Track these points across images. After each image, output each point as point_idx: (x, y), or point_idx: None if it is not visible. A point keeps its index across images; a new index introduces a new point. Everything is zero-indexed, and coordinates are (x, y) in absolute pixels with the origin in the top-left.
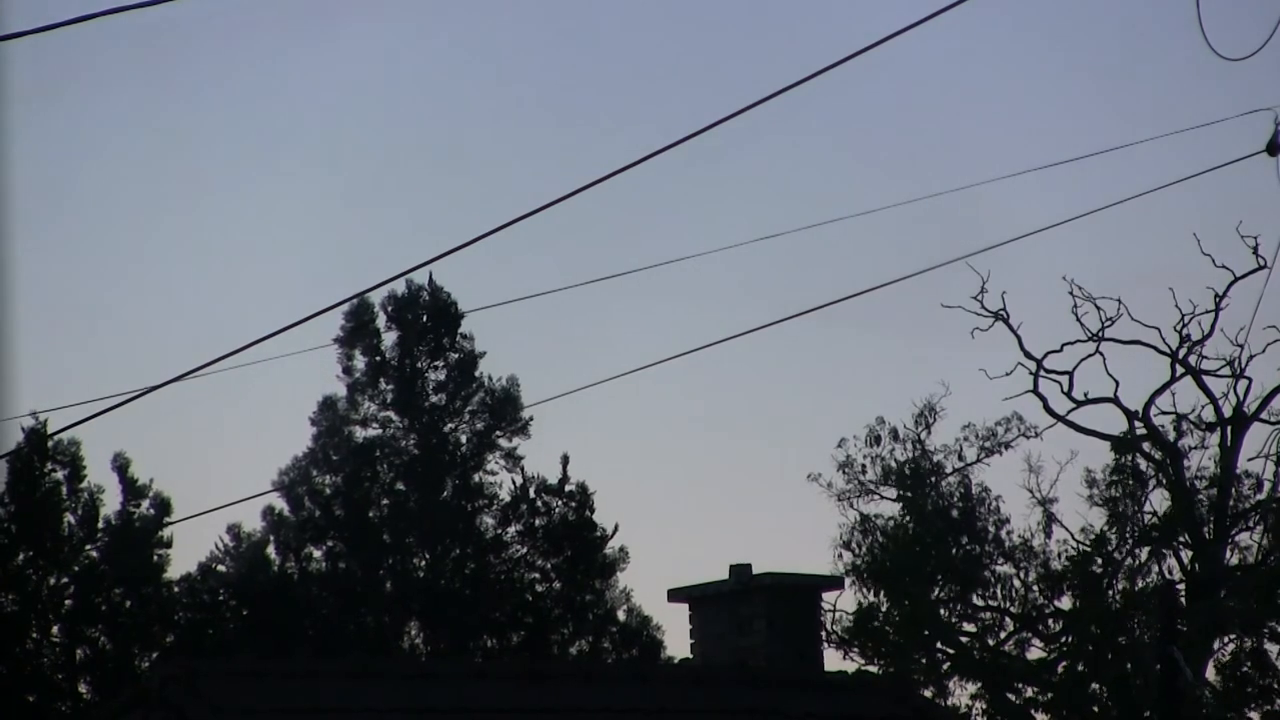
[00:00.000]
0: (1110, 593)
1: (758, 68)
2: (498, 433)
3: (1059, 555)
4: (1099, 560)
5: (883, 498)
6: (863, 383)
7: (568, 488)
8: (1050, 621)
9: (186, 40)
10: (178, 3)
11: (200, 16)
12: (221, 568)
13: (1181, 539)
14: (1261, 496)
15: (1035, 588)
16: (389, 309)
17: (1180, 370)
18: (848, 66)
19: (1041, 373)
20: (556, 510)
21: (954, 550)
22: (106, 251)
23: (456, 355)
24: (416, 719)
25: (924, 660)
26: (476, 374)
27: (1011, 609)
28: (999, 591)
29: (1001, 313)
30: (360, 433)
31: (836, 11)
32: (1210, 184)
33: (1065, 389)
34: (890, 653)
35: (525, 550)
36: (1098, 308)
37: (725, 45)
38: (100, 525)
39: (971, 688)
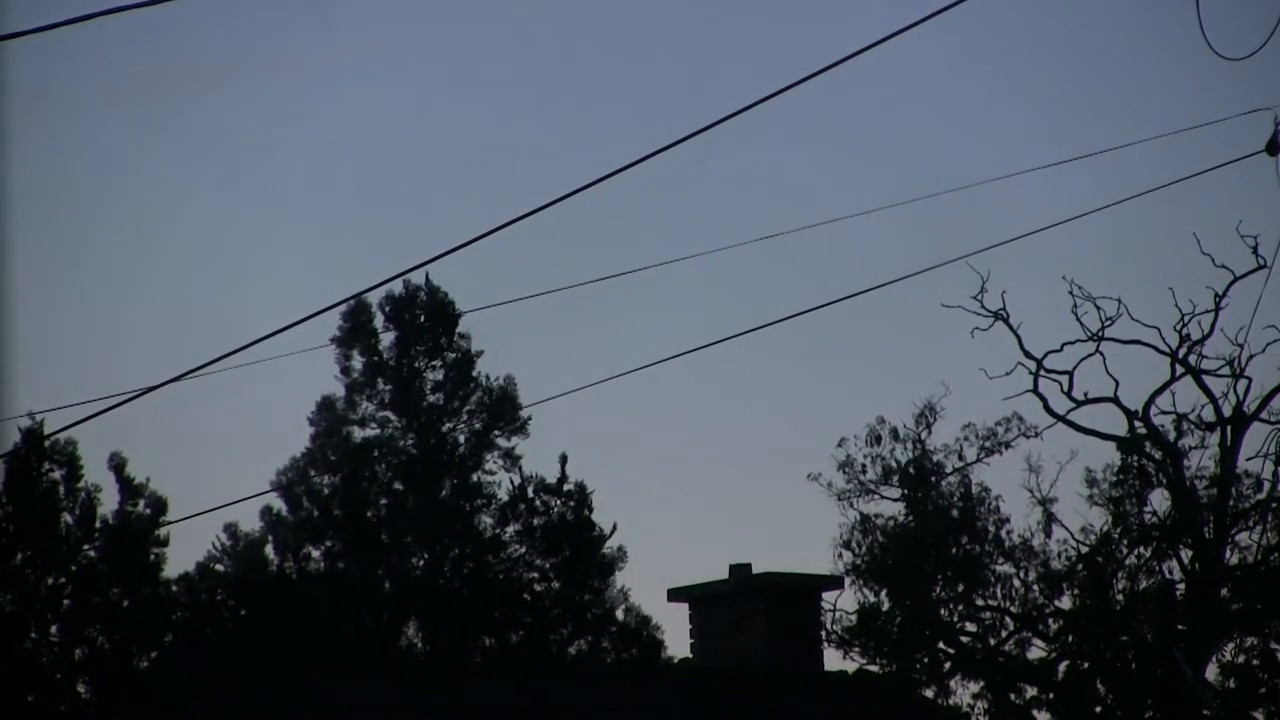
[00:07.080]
0: (1111, 592)
1: (758, 68)
2: (496, 432)
3: (1059, 555)
4: (1099, 560)
5: (883, 497)
6: (863, 383)
7: (566, 487)
8: (1050, 621)
9: (186, 40)
10: (178, 3)
11: (200, 16)
12: (219, 567)
13: (1185, 540)
14: (1261, 496)
15: (1035, 588)
16: (387, 309)
17: (1180, 370)
18: (847, 66)
19: (1041, 372)
20: (555, 510)
21: (954, 550)
22: (105, 251)
23: (454, 355)
24: (416, 719)
25: (925, 660)
26: (474, 374)
27: (1012, 609)
28: (999, 591)
29: (1001, 312)
30: (358, 433)
31: (835, 12)
32: (1210, 184)
33: (1065, 389)
34: (891, 652)
35: (524, 550)
36: (1098, 308)
37: (726, 45)
38: (97, 525)
39: (973, 687)
